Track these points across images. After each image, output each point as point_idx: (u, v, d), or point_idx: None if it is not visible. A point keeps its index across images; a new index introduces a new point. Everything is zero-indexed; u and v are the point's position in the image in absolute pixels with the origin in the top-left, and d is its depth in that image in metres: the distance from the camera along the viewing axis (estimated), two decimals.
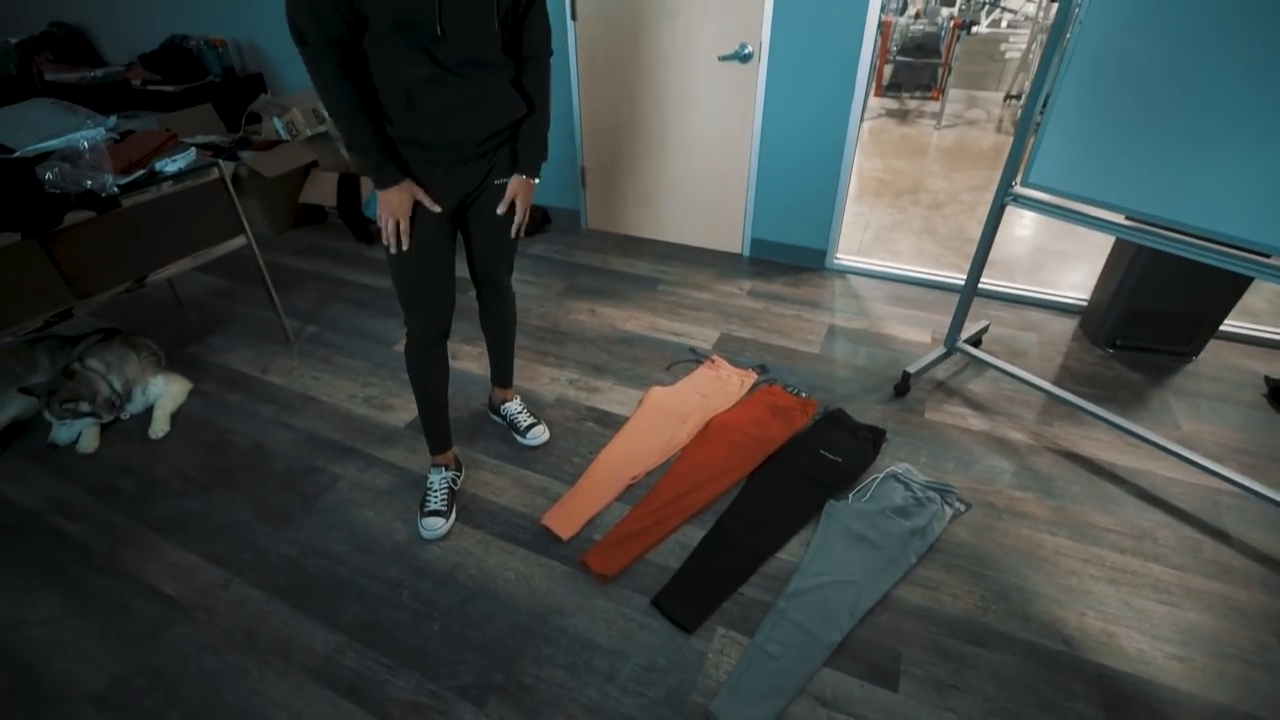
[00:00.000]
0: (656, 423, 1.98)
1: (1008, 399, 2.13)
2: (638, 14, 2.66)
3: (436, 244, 1.42)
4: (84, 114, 2.12)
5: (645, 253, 3.09)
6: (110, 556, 1.63)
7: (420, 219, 1.38)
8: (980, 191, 3.96)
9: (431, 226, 1.40)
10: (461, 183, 1.39)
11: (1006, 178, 1.87)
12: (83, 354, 2.05)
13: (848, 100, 2.51)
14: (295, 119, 3.40)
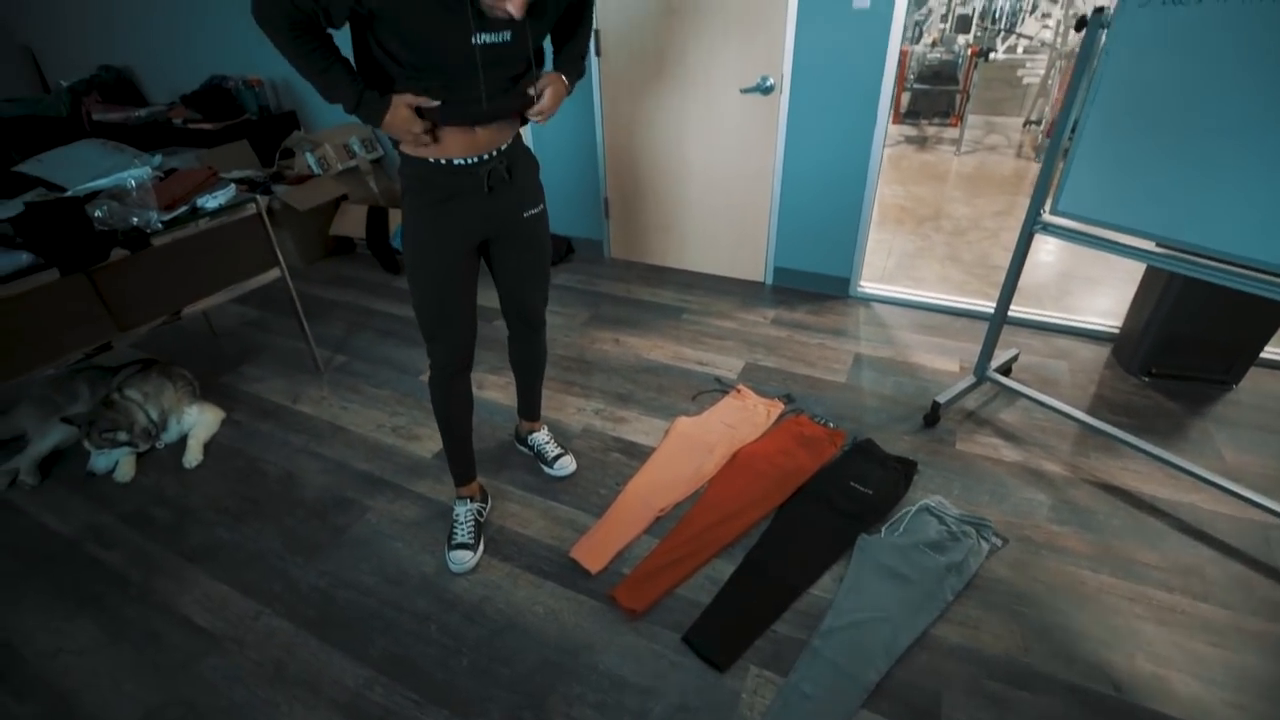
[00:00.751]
0: (683, 453, 1.97)
1: (1041, 429, 2.09)
2: (660, 50, 2.72)
3: (459, 273, 1.42)
4: (130, 153, 2.21)
5: (668, 282, 3.11)
6: (144, 585, 1.65)
7: (443, 248, 1.38)
8: (1003, 217, 3.94)
9: (454, 255, 1.39)
10: (482, 214, 1.38)
11: (1035, 205, 1.86)
12: (121, 384, 2.10)
13: (870, 130, 2.53)
14: (327, 154, 3.51)
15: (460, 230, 1.38)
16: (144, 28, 4.25)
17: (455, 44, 1.14)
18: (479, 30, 1.13)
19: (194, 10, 3.92)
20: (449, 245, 1.38)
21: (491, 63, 1.18)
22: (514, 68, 1.25)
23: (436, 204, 1.34)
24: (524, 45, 1.22)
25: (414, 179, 1.33)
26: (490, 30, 1.15)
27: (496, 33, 1.16)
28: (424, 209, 1.35)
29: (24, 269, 1.66)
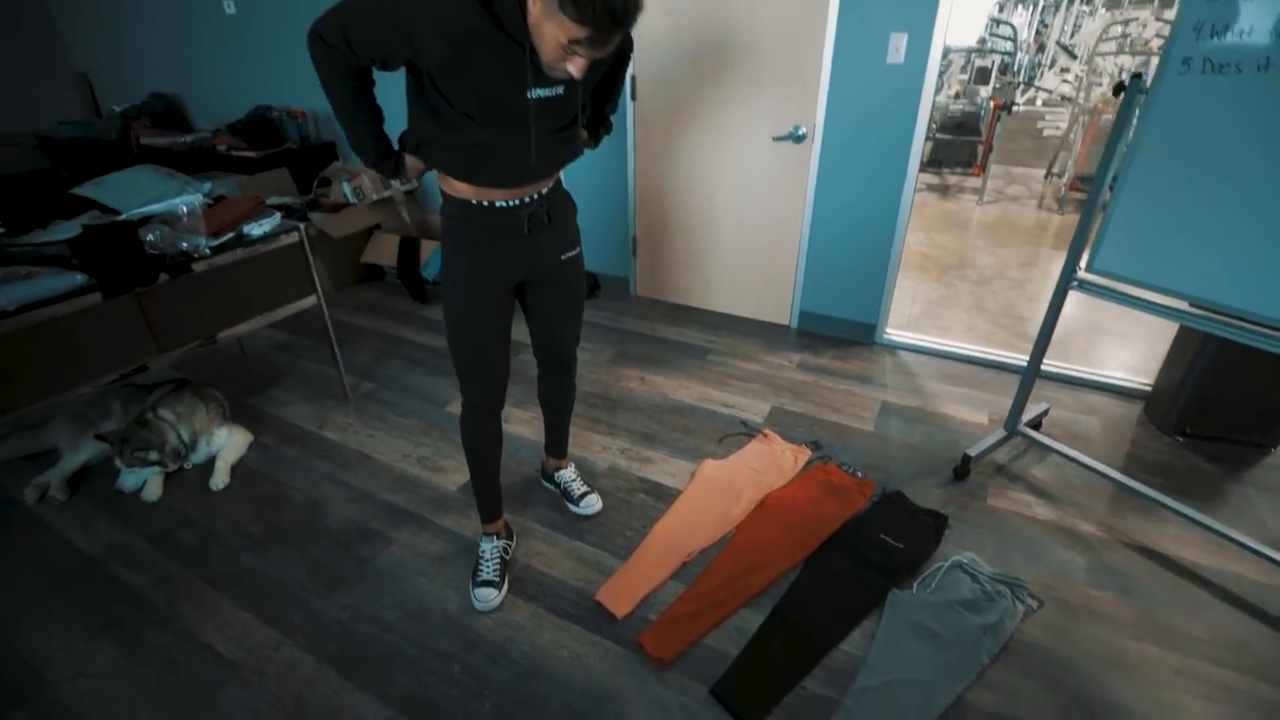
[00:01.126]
0: (710, 497, 1.95)
1: (1073, 487, 2.05)
2: (695, 96, 2.79)
3: (495, 314, 1.43)
4: (182, 180, 2.28)
5: (693, 321, 3.13)
6: (167, 609, 1.64)
7: (481, 289, 1.39)
8: (1027, 268, 3.94)
9: (491, 296, 1.41)
10: (520, 255, 1.40)
11: (1071, 262, 1.86)
12: (155, 404, 2.13)
13: (899, 180, 2.56)
14: (363, 185, 3.58)
15: (498, 271, 1.39)
16: (193, 58, 4.44)
17: (511, 98, 1.17)
18: (535, 85, 1.16)
19: (241, 43, 4.09)
20: (487, 286, 1.39)
21: (543, 114, 1.22)
22: (563, 119, 1.28)
23: (476, 245, 1.36)
24: (574, 99, 1.25)
25: (455, 219, 1.35)
26: (545, 85, 1.18)
27: (551, 88, 1.19)
28: (464, 249, 1.37)
29: (77, 289, 1.70)
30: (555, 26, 1.02)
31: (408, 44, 1.10)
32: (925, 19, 2.27)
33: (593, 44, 1.03)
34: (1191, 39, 1.47)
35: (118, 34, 4.77)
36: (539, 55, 1.10)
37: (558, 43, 1.04)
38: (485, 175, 1.28)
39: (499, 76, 1.14)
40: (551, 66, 1.11)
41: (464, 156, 1.26)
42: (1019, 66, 7.33)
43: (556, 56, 1.08)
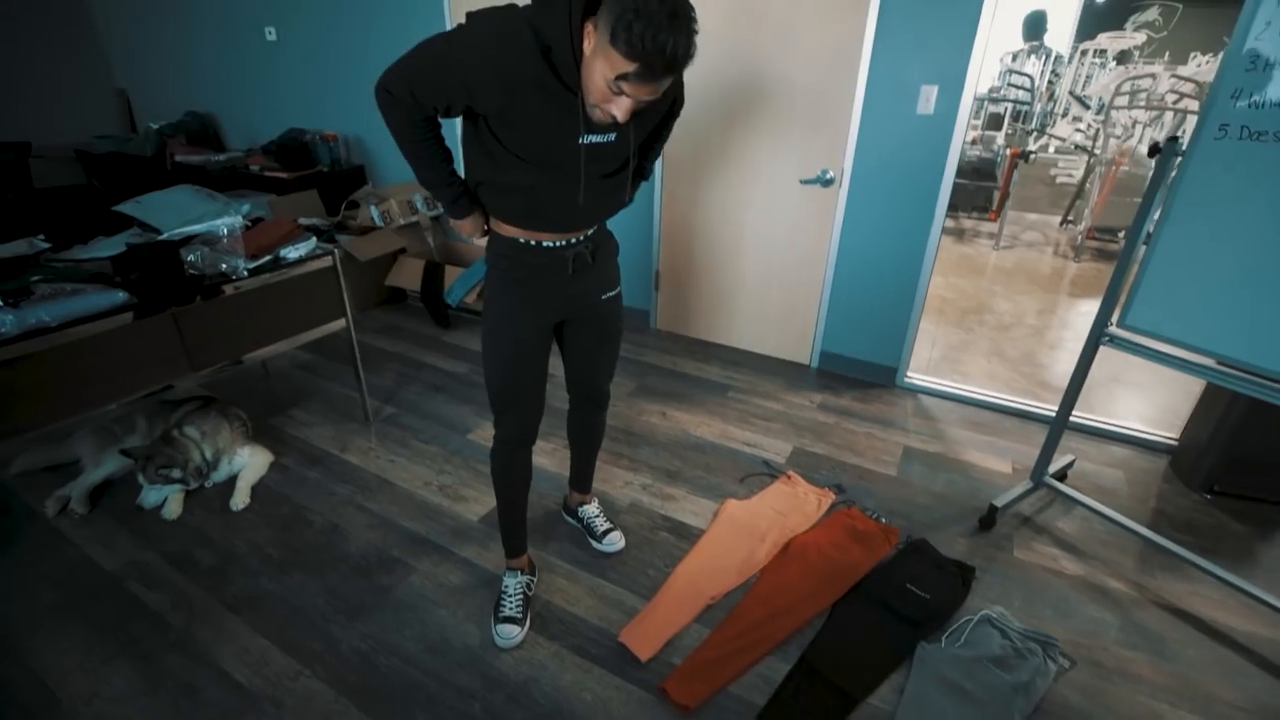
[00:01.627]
0: (734, 538, 1.93)
1: (1101, 542, 2.02)
2: (724, 136, 2.84)
3: (535, 351, 1.44)
4: (222, 201, 2.32)
5: (714, 357, 3.13)
6: (185, 632, 1.62)
7: (522, 326, 1.40)
8: (1046, 316, 3.95)
9: (531, 333, 1.42)
10: (563, 295, 1.41)
11: (1102, 316, 1.87)
12: (181, 421, 2.14)
13: (926, 226, 2.59)
14: (391, 209, 3.66)
15: (541, 310, 1.41)
16: (231, 80, 4.56)
17: (564, 143, 1.19)
18: (587, 131, 1.18)
19: (279, 68, 4.21)
20: (529, 323, 1.41)
21: (593, 160, 1.23)
22: (613, 165, 1.29)
23: (521, 282, 1.37)
24: (626, 145, 1.27)
25: (501, 256, 1.37)
26: (597, 132, 1.20)
27: (603, 134, 1.21)
28: (509, 286, 1.38)
29: (118, 306, 1.72)
30: (605, 63, 1.01)
31: (466, 92, 1.13)
32: (957, 72, 2.32)
33: (640, 81, 1.01)
34: (1229, 105, 1.49)
35: (158, 53, 4.91)
36: (586, 96, 1.11)
37: (605, 80, 1.03)
38: (535, 219, 1.30)
39: (552, 123, 1.16)
40: (596, 106, 1.10)
41: (515, 200, 1.28)
42: (1030, 113, 7.44)
43: (603, 96, 1.07)
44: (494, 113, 1.15)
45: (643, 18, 0.94)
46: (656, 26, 0.95)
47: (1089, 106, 7.30)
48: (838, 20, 2.44)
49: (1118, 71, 6.98)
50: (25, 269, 1.77)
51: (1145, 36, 7.10)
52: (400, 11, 3.52)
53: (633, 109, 1.09)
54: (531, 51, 1.08)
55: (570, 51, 1.07)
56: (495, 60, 1.09)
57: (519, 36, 1.07)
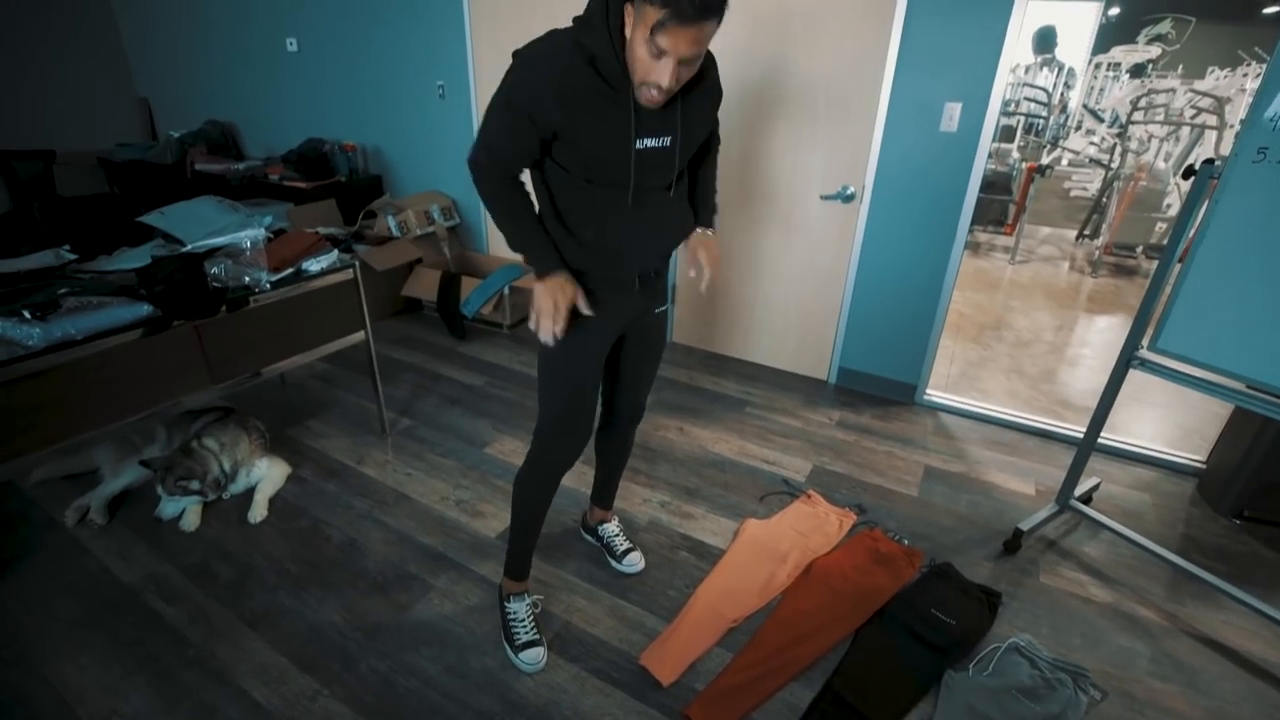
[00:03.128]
0: (755, 559, 1.91)
1: (1129, 568, 1.98)
2: (745, 150, 2.83)
3: (597, 369, 1.43)
4: (244, 212, 2.33)
5: (730, 372, 3.11)
6: (203, 648, 1.61)
7: (589, 345, 1.39)
8: (1064, 332, 3.91)
9: (600, 350, 1.41)
10: (627, 312, 1.41)
11: (1133, 339, 1.84)
12: (200, 432, 2.14)
13: (948, 243, 2.57)
14: (408, 219, 3.67)
15: (609, 327, 1.40)
16: (251, 90, 4.61)
17: (619, 148, 1.20)
18: (641, 135, 1.20)
19: (299, 79, 4.25)
20: (596, 341, 1.40)
21: (647, 166, 1.24)
22: (669, 172, 1.29)
23: (593, 300, 1.34)
24: (677, 149, 1.26)
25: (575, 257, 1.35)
26: (651, 135, 1.21)
27: (657, 137, 1.22)
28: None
29: (142, 319, 1.73)
30: (642, 26, 1.03)
31: (531, 122, 1.16)
32: (981, 91, 2.30)
33: (675, 24, 1.00)
34: (1267, 128, 1.47)
35: (181, 62, 4.97)
36: (632, 78, 1.12)
37: (645, 46, 1.05)
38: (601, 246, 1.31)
39: (606, 130, 1.18)
40: (644, 84, 1.11)
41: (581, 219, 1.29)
42: (1042, 126, 7.42)
43: (646, 68, 1.08)
44: (555, 133, 1.17)
45: None
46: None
47: (1103, 120, 7.26)
48: (860, 37, 2.44)
49: (1133, 85, 6.95)
50: (52, 281, 1.78)
51: (1159, 50, 7.06)
52: (421, 22, 3.54)
53: (677, 73, 1.08)
54: (579, 62, 1.12)
55: (613, 52, 1.10)
56: (546, 79, 1.12)
57: (563, 51, 1.12)
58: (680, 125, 1.24)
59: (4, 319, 1.55)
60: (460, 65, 3.48)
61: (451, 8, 3.38)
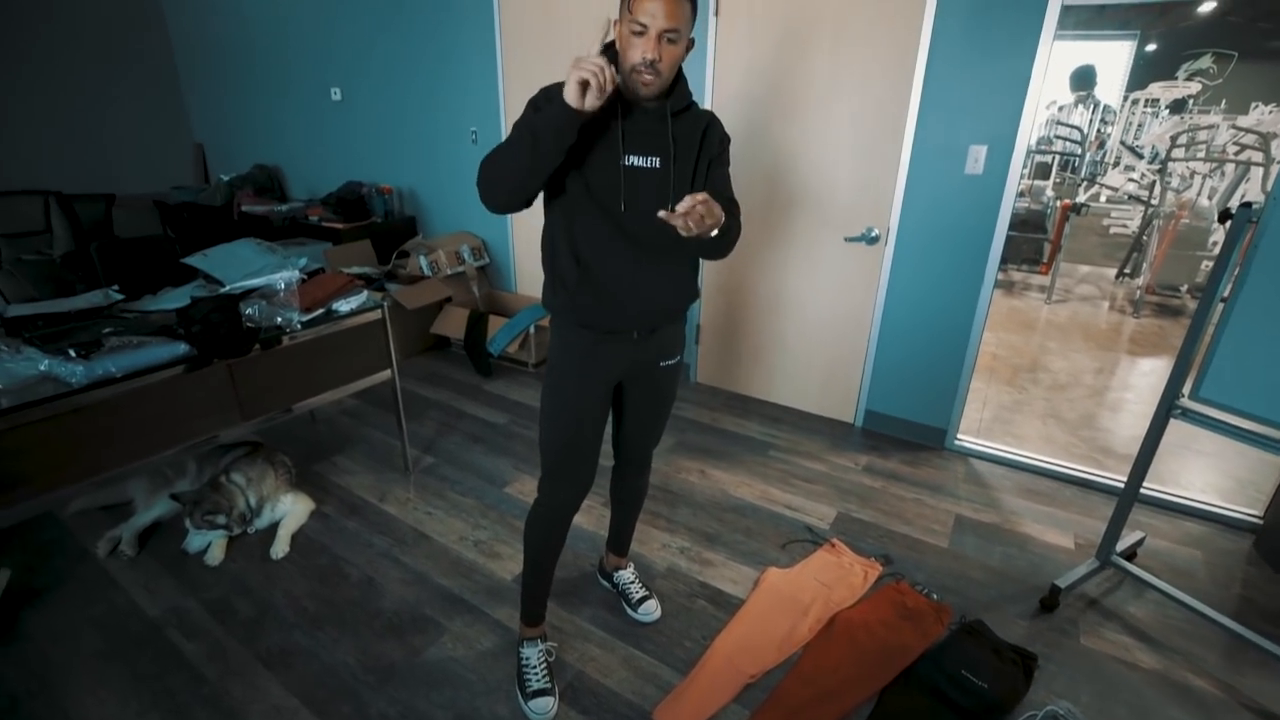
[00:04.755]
0: (775, 611, 1.85)
1: (1179, 632, 1.86)
2: (768, 191, 2.85)
3: (594, 416, 1.44)
4: (281, 254, 2.43)
5: (754, 413, 3.08)
6: (218, 686, 1.62)
7: (583, 390, 1.40)
8: (1105, 375, 3.77)
9: (595, 395, 1.42)
10: (624, 361, 1.42)
11: (1173, 387, 1.76)
12: (229, 467, 2.19)
13: (976, 285, 2.52)
14: (439, 259, 3.77)
15: (603, 372, 1.41)
16: (296, 135, 4.85)
17: (608, 166, 1.25)
18: (629, 151, 1.25)
19: (341, 125, 4.46)
20: (591, 386, 1.41)
21: (635, 184, 1.27)
22: (659, 195, 1.29)
23: (589, 345, 1.37)
24: (668, 175, 1.29)
25: (565, 313, 1.37)
26: (639, 153, 1.26)
27: (645, 156, 1.27)
28: (574, 345, 1.39)
29: (179, 358, 1.79)
30: (625, 16, 1.16)
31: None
32: (1007, 133, 2.29)
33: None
34: None
35: (234, 110, 5.28)
36: (624, 73, 1.20)
37: (628, 28, 1.16)
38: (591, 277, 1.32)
39: (594, 145, 1.23)
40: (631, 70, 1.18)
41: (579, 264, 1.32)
42: (1078, 162, 7.30)
43: (629, 48, 1.17)
44: None
45: None
46: None
47: (1142, 156, 7.13)
48: (883, 81, 2.46)
49: (1172, 121, 6.82)
50: (99, 320, 1.87)
51: (1199, 85, 6.94)
52: (456, 73, 3.70)
53: (660, 48, 1.16)
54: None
55: None
56: (544, 99, 1.22)
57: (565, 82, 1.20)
58: (672, 147, 1.27)
59: (51, 357, 1.63)
60: (493, 111, 3.61)
61: (485, 58, 3.53)
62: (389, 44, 3.95)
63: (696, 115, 1.33)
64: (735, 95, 2.81)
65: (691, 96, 1.33)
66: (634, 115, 1.26)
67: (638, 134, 1.25)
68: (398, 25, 3.86)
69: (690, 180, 1.33)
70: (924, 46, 2.34)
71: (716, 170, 1.40)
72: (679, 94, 1.28)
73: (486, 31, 3.47)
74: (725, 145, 1.40)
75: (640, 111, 1.26)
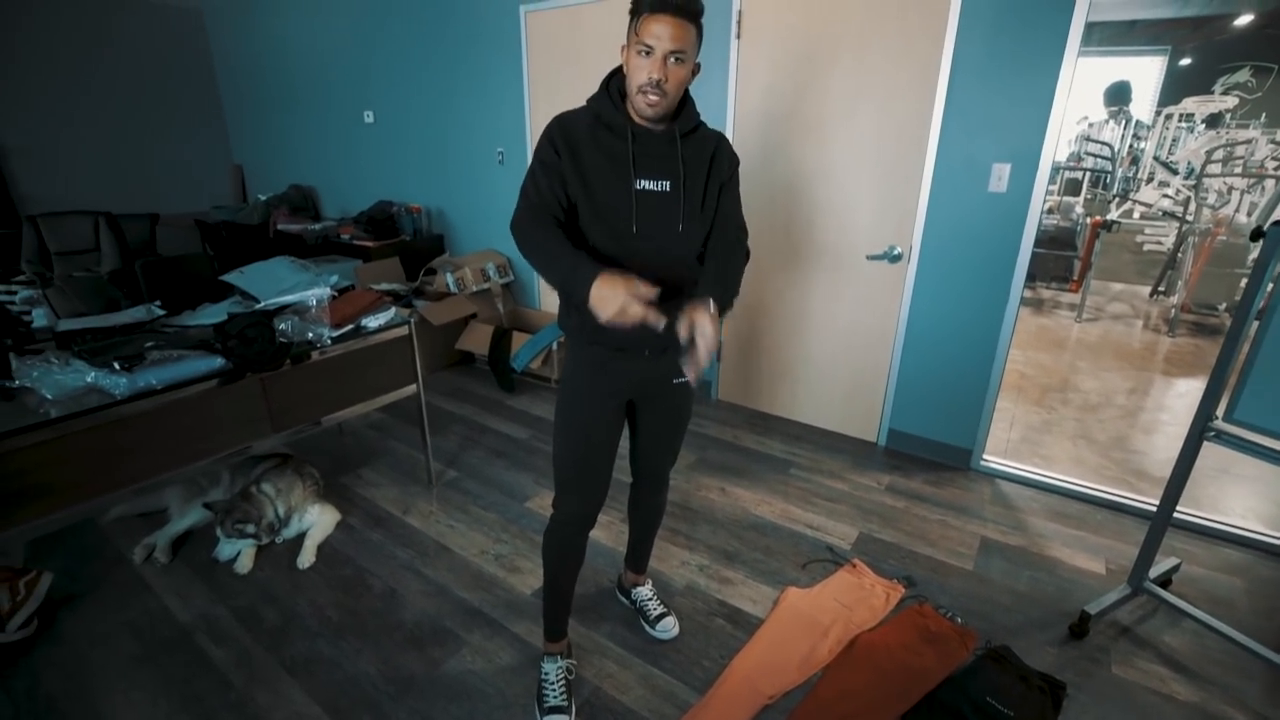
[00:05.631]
0: (795, 631, 1.83)
1: (1218, 663, 1.79)
2: (789, 213, 2.87)
3: (605, 431, 1.45)
4: (313, 271, 2.51)
5: (775, 431, 3.06)
6: (244, 693, 1.65)
7: (593, 405, 1.43)
8: (1139, 396, 3.67)
9: (605, 411, 1.44)
10: (634, 377, 1.43)
11: (1206, 408, 1.72)
12: (259, 477, 2.25)
13: (1001, 304, 2.49)
14: (465, 276, 3.85)
15: (614, 388, 1.43)
16: (330, 156, 5.02)
17: (618, 190, 1.28)
18: (639, 175, 1.29)
19: (373, 146, 4.61)
20: (601, 402, 1.43)
21: (647, 207, 1.29)
22: (669, 220, 1.31)
23: (600, 361, 1.40)
24: (677, 196, 1.31)
25: (578, 332, 1.40)
26: (649, 177, 1.29)
27: (655, 180, 1.29)
28: (586, 363, 1.41)
29: (215, 371, 1.86)
30: (633, 39, 1.21)
31: (556, 172, 1.27)
32: (1031, 151, 2.27)
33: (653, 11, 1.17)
34: None
35: (272, 132, 5.49)
36: (631, 95, 1.25)
37: (635, 51, 1.21)
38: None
39: (606, 170, 1.27)
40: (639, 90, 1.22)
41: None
42: (1110, 179, 7.18)
43: (638, 69, 1.21)
44: (568, 178, 1.27)
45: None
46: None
47: (1176, 172, 6.97)
48: (904, 99, 2.47)
49: (1208, 136, 6.68)
50: (141, 334, 1.95)
51: (1236, 100, 6.79)
52: (485, 95, 3.81)
53: (666, 68, 1.19)
54: (585, 119, 1.30)
55: (614, 106, 1.27)
56: (559, 132, 1.29)
57: (576, 112, 1.32)
58: (682, 169, 1.30)
59: (97, 369, 1.71)
60: (519, 133, 3.70)
61: (512, 81, 3.63)
62: (420, 68, 4.09)
63: (705, 136, 1.36)
64: (757, 114, 2.85)
65: (699, 117, 1.36)
66: (643, 138, 1.29)
67: (648, 158, 1.28)
68: (429, 50, 3.99)
69: (700, 202, 1.35)
70: (946, 64, 2.34)
71: (727, 194, 1.41)
72: (686, 115, 1.32)
73: (514, 55, 3.57)
74: (735, 167, 1.42)
75: (650, 135, 1.29)
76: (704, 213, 1.36)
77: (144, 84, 5.41)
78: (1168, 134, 7.40)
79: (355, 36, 4.41)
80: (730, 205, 1.41)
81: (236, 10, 5.31)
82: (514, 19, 3.51)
